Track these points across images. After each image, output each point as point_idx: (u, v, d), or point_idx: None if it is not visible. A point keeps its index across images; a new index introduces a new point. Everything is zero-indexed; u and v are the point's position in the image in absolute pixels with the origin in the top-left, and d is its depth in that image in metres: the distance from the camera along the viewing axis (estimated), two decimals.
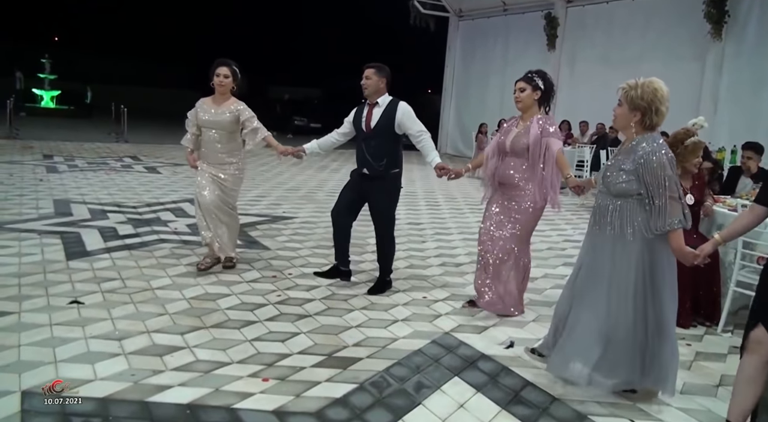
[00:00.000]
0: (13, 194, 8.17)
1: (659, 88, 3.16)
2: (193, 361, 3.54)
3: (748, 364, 2.85)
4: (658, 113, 3.17)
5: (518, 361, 3.82)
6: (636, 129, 3.22)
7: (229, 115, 5.16)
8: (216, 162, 5.22)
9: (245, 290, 4.87)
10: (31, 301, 4.32)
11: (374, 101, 4.91)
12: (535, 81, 4.48)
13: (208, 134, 5.20)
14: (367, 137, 4.92)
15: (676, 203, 3.09)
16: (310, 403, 3.14)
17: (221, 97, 5.21)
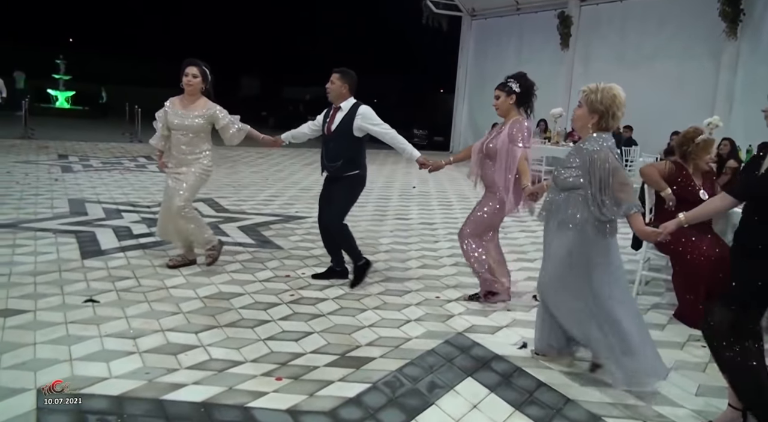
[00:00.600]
0: (28, 194, 8.25)
1: (618, 94, 3.38)
2: (207, 360, 3.56)
3: None
4: (614, 117, 3.40)
5: (532, 362, 3.80)
6: (593, 130, 3.44)
7: (202, 120, 5.08)
8: (181, 163, 5.15)
9: (258, 290, 4.89)
10: (46, 299, 4.35)
11: (338, 105, 5.03)
12: (508, 86, 4.67)
13: (175, 135, 5.12)
14: (327, 139, 5.07)
15: (627, 188, 3.34)
16: (323, 402, 3.15)
17: (190, 98, 5.11)
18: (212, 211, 8.03)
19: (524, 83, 4.69)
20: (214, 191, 9.51)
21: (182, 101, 5.12)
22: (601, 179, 3.33)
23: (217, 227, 7.05)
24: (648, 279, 5.55)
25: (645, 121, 12.85)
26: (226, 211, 8.12)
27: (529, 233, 7.73)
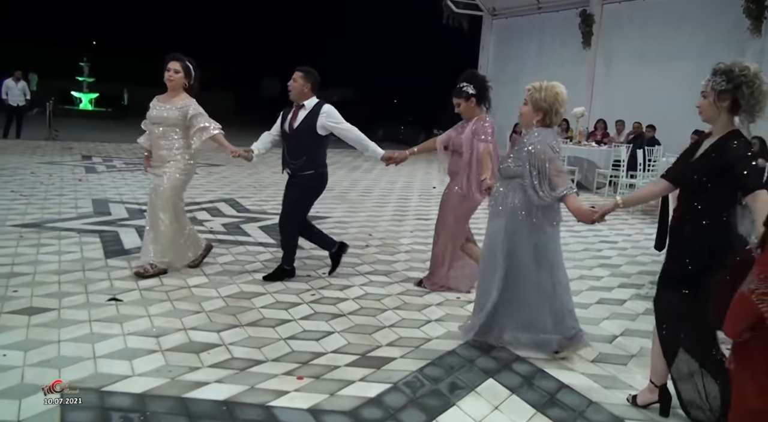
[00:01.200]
0: (53, 194, 8.36)
1: (560, 92, 3.70)
2: (228, 359, 3.58)
3: None
4: (557, 114, 3.73)
5: (554, 364, 3.77)
6: (537, 126, 3.74)
7: (176, 111, 4.93)
8: (161, 160, 5.01)
9: (280, 289, 4.90)
10: (70, 298, 4.41)
11: (300, 103, 5.03)
12: (464, 92, 4.84)
13: (152, 131, 5.01)
14: (288, 138, 5.07)
15: (562, 175, 3.66)
16: (344, 402, 3.15)
17: (172, 93, 5.00)
18: (234, 211, 8.08)
19: (477, 83, 4.87)
20: (235, 191, 9.57)
21: (165, 97, 5.04)
22: (539, 168, 3.63)
23: (239, 227, 7.09)
24: None
25: (667, 120, 12.69)
26: (248, 211, 8.16)
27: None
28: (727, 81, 2.87)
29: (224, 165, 11.66)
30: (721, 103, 2.92)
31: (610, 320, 4.62)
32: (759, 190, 2.78)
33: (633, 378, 3.63)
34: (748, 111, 2.89)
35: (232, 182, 10.55)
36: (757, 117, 2.92)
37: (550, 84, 3.71)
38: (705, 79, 2.99)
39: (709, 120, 3.01)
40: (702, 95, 3.00)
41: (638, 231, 8.44)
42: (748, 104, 2.87)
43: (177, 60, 4.99)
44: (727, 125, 2.94)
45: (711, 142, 2.99)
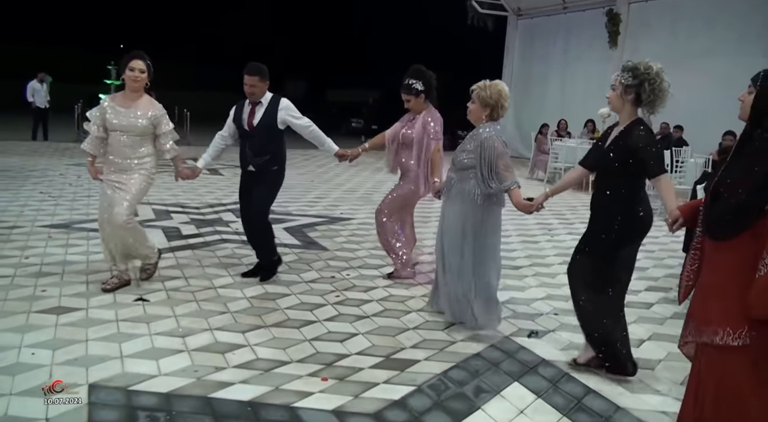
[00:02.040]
0: (81, 195, 8.49)
1: (502, 89, 4.17)
2: (254, 359, 3.60)
3: None
4: (502, 108, 4.18)
5: (580, 368, 3.72)
6: (486, 121, 4.17)
7: (146, 122, 4.58)
8: (121, 169, 4.59)
9: (304, 290, 4.92)
10: (98, 298, 4.47)
11: (257, 101, 4.98)
12: (414, 88, 5.02)
13: (115, 137, 4.56)
14: (249, 135, 5.00)
15: (509, 170, 4.06)
16: (368, 404, 3.14)
17: (133, 95, 4.59)
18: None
19: (425, 79, 5.05)
20: None
21: (124, 99, 4.60)
22: (489, 160, 4.03)
23: None
24: None
25: (696, 121, 12.49)
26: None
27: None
28: (633, 77, 3.36)
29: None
30: (627, 96, 3.39)
31: (637, 324, 4.55)
32: (661, 174, 3.29)
33: (661, 382, 3.57)
34: (648, 104, 3.38)
35: None
36: (656, 110, 3.42)
37: (493, 82, 4.19)
38: (615, 74, 3.46)
39: (616, 110, 3.50)
40: (612, 88, 3.46)
41: (665, 233, 8.29)
42: (649, 99, 3.35)
43: (141, 58, 4.58)
44: (631, 115, 3.42)
45: (620, 130, 3.43)
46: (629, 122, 3.41)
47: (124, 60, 4.59)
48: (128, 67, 4.53)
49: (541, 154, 13.64)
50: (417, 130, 5.06)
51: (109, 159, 4.62)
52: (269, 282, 5.06)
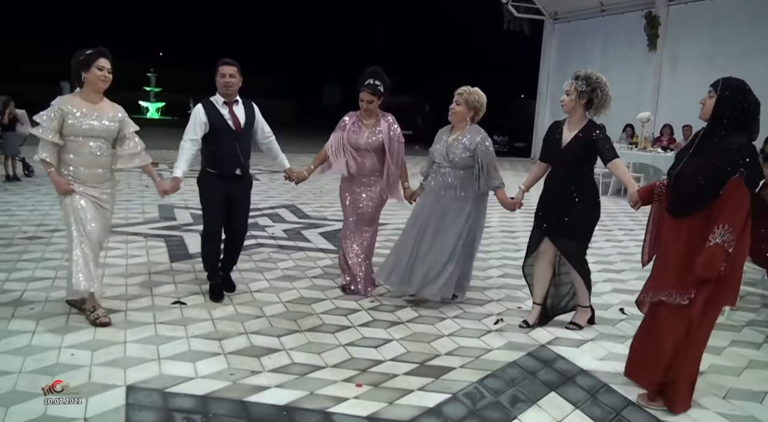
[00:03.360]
0: (120, 200, 8.62)
1: (482, 94, 4.64)
2: (289, 364, 3.61)
3: (539, 266, 4.38)
4: (482, 112, 4.65)
5: (619, 378, 3.64)
6: (470, 123, 4.63)
7: (116, 123, 4.17)
8: (96, 181, 4.13)
9: (339, 296, 4.92)
10: (137, 300, 4.54)
11: (233, 100, 4.70)
12: (378, 90, 4.88)
13: (86, 145, 4.05)
14: (238, 136, 4.67)
15: (497, 170, 4.66)
16: (402, 411, 3.12)
17: (96, 97, 4.12)
18: (294, 217, 8.18)
19: (386, 80, 4.95)
20: (296, 197, 9.69)
21: (85, 101, 4.08)
22: (483, 161, 4.54)
23: (299, 233, 7.17)
24: (742, 294, 5.21)
25: None
26: (308, 217, 8.24)
27: (615, 243, 7.46)
28: (587, 85, 4.01)
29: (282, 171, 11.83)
30: (581, 101, 4.06)
31: None
32: (615, 158, 4.04)
33: (701, 395, 3.45)
34: (597, 108, 4.09)
35: (292, 188, 10.61)
36: (601, 113, 4.12)
37: (475, 88, 4.64)
38: (567, 81, 4.10)
39: (569, 112, 4.15)
40: (566, 93, 4.09)
41: None
42: (599, 104, 4.06)
43: (108, 58, 4.10)
44: (582, 116, 4.12)
45: (576, 130, 4.10)
46: (586, 122, 4.11)
47: (84, 58, 4.02)
48: (96, 65, 4.01)
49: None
50: (385, 134, 4.92)
51: (79, 171, 4.06)
52: (305, 287, 5.08)
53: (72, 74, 4.10)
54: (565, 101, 4.10)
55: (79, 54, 4.06)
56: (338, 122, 5.08)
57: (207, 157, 4.75)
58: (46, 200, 8.30)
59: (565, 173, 4.16)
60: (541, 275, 4.41)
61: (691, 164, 3.21)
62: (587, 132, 4.06)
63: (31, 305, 4.34)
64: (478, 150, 4.55)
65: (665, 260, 3.33)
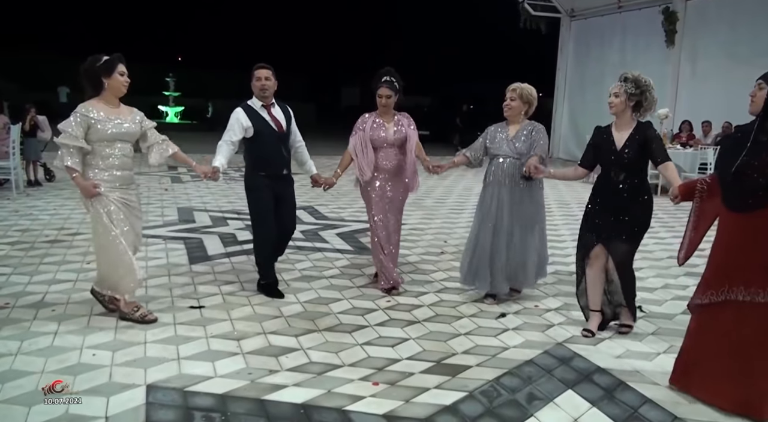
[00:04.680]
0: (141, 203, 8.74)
1: (533, 88, 4.81)
2: (306, 363, 3.64)
3: (592, 272, 4.30)
4: (534, 105, 4.82)
5: (637, 376, 3.63)
6: (523, 117, 4.81)
7: (137, 125, 4.27)
8: (125, 183, 4.23)
9: (356, 295, 4.95)
10: (157, 301, 4.60)
11: (270, 102, 4.85)
12: (395, 85, 5.03)
13: (114, 148, 4.13)
14: (281, 137, 4.86)
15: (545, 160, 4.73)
16: (419, 409, 3.14)
17: (116, 101, 4.21)
18: (312, 218, 8.23)
19: (399, 79, 5.09)
20: (313, 199, 9.74)
21: (107, 106, 4.15)
22: (536, 150, 4.69)
23: (317, 234, 7.22)
24: None
25: None
26: (326, 218, 8.29)
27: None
28: (636, 87, 4.03)
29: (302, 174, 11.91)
30: (630, 103, 4.07)
31: None
32: (667, 161, 4.01)
33: None
34: (644, 110, 4.12)
35: (310, 189, 10.68)
36: (647, 115, 4.17)
37: (524, 84, 4.79)
38: (617, 84, 4.10)
39: (617, 114, 4.12)
40: (614, 95, 4.09)
41: None
42: (647, 106, 4.10)
43: (125, 63, 4.18)
44: (631, 118, 4.12)
45: (627, 132, 4.08)
46: (636, 123, 4.11)
47: (104, 63, 4.09)
48: (118, 71, 4.10)
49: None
50: (407, 129, 5.11)
51: (110, 173, 4.14)
52: (322, 287, 5.12)
53: (88, 80, 4.13)
54: (614, 103, 4.09)
55: (95, 60, 4.10)
56: (355, 125, 5.18)
57: (253, 160, 4.88)
58: (67, 204, 8.43)
59: (621, 175, 4.10)
60: (595, 282, 4.30)
61: (755, 157, 3.13)
62: (641, 133, 4.05)
63: (53, 307, 4.42)
64: (534, 141, 4.72)
65: (736, 257, 3.22)
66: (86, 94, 4.17)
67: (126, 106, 4.31)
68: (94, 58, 4.12)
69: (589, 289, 4.35)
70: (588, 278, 4.34)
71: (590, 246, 4.26)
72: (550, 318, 4.60)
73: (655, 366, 3.80)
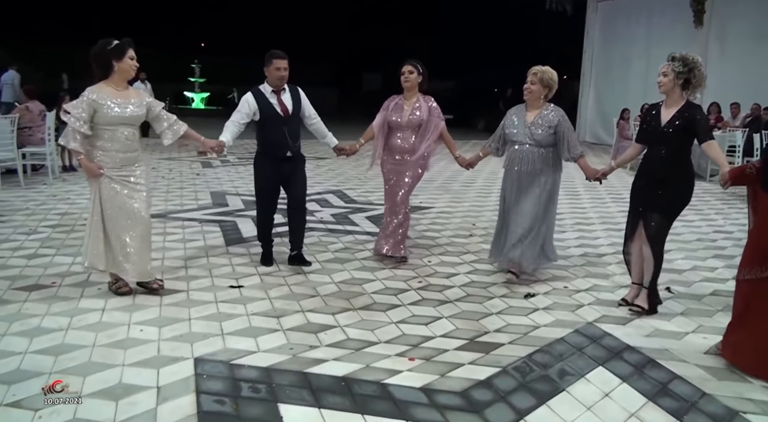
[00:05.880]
0: (174, 187, 8.96)
1: (554, 72, 4.86)
2: (344, 339, 3.78)
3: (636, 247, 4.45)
4: (554, 89, 4.86)
5: (666, 354, 3.71)
6: (544, 101, 4.89)
7: (143, 108, 4.38)
8: (128, 162, 4.35)
9: (388, 276, 5.08)
10: (197, 281, 4.77)
11: (281, 88, 5.06)
12: (418, 67, 5.29)
13: (118, 131, 4.26)
14: (286, 121, 5.06)
15: (575, 140, 4.91)
16: (454, 383, 3.26)
17: (124, 85, 4.32)
18: (341, 202, 8.36)
19: (424, 67, 5.34)
20: (342, 183, 9.88)
21: (114, 90, 4.26)
22: (568, 134, 4.82)
23: (347, 217, 7.35)
24: None
25: None
26: (354, 202, 8.42)
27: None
28: (684, 65, 4.08)
29: (330, 158, 12.07)
30: (678, 81, 4.12)
31: (723, 312, 4.45)
32: (711, 140, 4.07)
33: None
34: (693, 88, 4.17)
35: (338, 174, 10.88)
36: (696, 92, 4.23)
37: (545, 67, 4.85)
38: (665, 62, 4.16)
39: (666, 93, 4.19)
40: (662, 74, 4.16)
41: None
42: (696, 84, 4.14)
43: (134, 47, 4.30)
44: (680, 96, 4.18)
45: (674, 110, 4.16)
46: (684, 102, 4.16)
47: (115, 47, 4.21)
48: (128, 55, 4.22)
49: (624, 140, 13.12)
50: (425, 113, 5.28)
51: (113, 155, 4.26)
52: (355, 269, 5.25)
53: (98, 63, 4.25)
54: (662, 82, 4.17)
55: (106, 43, 4.22)
56: (383, 104, 5.50)
57: (260, 142, 5.21)
58: None
59: (663, 151, 4.21)
60: (639, 256, 4.45)
61: None
62: (687, 112, 4.13)
63: (98, 286, 4.60)
64: (559, 126, 4.80)
65: None
66: (95, 78, 4.30)
67: (133, 89, 4.46)
68: (105, 42, 4.24)
69: (633, 262, 4.51)
70: (633, 251, 4.49)
71: (635, 224, 4.41)
72: (580, 298, 4.69)
73: (683, 344, 3.88)
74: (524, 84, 4.91)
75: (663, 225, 4.29)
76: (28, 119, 9.54)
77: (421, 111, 5.29)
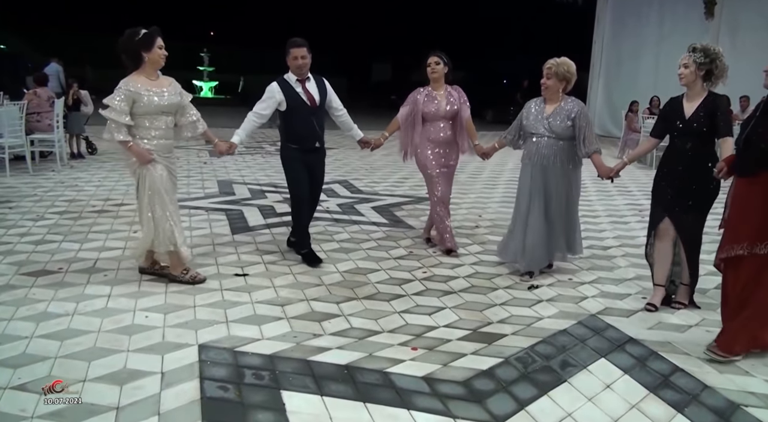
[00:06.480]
0: (181, 176, 8.94)
1: (571, 63, 4.72)
2: (348, 328, 3.80)
3: (660, 246, 4.32)
4: (573, 80, 4.74)
5: (668, 347, 3.71)
6: (561, 94, 4.76)
7: (178, 96, 4.44)
8: (168, 149, 4.47)
9: (393, 267, 5.09)
10: (203, 269, 4.79)
11: (305, 77, 4.98)
12: (444, 59, 5.37)
13: (158, 119, 4.33)
14: (314, 112, 5.01)
15: (595, 136, 4.81)
16: (457, 373, 3.28)
17: (155, 74, 4.35)
18: (348, 192, 8.37)
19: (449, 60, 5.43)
20: (348, 173, 9.89)
21: (148, 79, 4.29)
22: (582, 128, 4.69)
23: (353, 207, 7.36)
24: None
25: None
26: (361, 192, 8.42)
27: None
28: (705, 56, 4.01)
29: (337, 148, 12.07)
30: (699, 73, 4.04)
31: None
32: (728, 136, 3.99)
33: (750, 364, 3.51)
34: (716, 79, 4.09)
35: (345, 164, 10.89)
36: (718, 84, 4.13)
37: (562, 59, 4.70)
38: (686, 53, 4.07)
39: (688, 85, 4.11)
40: (683, 66, 4.07)
41: None
42: (718, 74, 4.07)
43: (162, 36, 4.32)
44: (702, 88, 4.10)
45: (698, 102, 4.08)
46: (707, 93, 4.10)
47: (144, 37, 4.21)
48: (156, 45, 4.23)
49: (632, 132, 13.04)
50: (457, 101, 5.41)
51: (155, 144, 4.33)
52: (360, 258, 5.27)
53: (128, 55, 4.25)
54: (684, 74, 4.08)
55: (134, 34, 4.21)
56: (408, 97, 5.51)
57: (287, 133, 5.13)
58: (111, 176, 8.70)
59: (689, 145, 4.11)
60: (663, 256, 4.32)
61: (759, 127, 3.46)
62: (713, 102, 4.05)
63: (105, 272, 4.65)
64: (577, 117, 4.68)
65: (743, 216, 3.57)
66: (127, 68, 4.31)
67: (165, 77, 4.46)
68: (132, 32, 4.23)
69: (656, 263, 4.37)
70: (656, 252, 4.35)
71: (658, 220, 4.28)
72: (584, 291, 4.69)
73: (686, 337, 3.88)
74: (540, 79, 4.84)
75: (698, 226, 4.21)
76: (36, 105, 9.56)
77: (456, 100, 5.40)
